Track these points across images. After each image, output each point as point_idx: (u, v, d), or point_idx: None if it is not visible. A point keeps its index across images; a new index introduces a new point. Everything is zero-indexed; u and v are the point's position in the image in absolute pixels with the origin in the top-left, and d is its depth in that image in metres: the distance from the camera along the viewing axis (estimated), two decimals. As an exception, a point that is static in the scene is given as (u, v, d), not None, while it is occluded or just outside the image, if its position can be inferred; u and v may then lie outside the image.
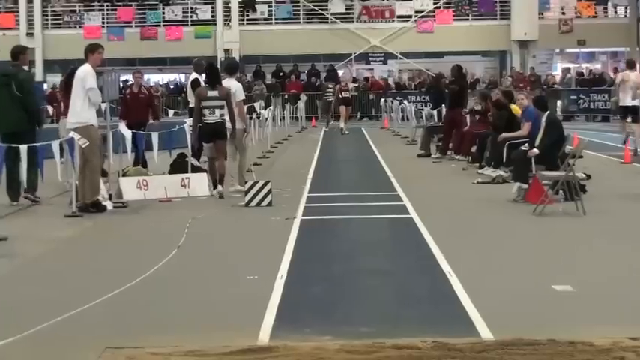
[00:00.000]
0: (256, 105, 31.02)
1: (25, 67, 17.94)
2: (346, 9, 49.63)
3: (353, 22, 49.15)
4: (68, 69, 18.51)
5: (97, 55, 15.71)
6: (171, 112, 37.12)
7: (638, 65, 29.82)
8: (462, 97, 24.40)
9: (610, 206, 14.72)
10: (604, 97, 41.19)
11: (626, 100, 25.46)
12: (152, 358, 6.92)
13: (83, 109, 15.11)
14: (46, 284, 10.07)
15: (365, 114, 46.34)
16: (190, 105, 22.63)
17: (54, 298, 8.99)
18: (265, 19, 49.61)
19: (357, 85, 44.53)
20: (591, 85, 43.59)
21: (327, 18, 49.05)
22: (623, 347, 6.92)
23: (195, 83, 22.05)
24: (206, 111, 17.13)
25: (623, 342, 7.03)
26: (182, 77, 47.05)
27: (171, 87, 48.11)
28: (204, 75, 21.26)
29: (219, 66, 22.39)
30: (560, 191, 14.55)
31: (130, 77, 53.34)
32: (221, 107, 16.93)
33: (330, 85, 42.10)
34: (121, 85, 51.17)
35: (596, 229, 12.94)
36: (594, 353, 6.86)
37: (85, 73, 15.22)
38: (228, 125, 16.98)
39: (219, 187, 16.80)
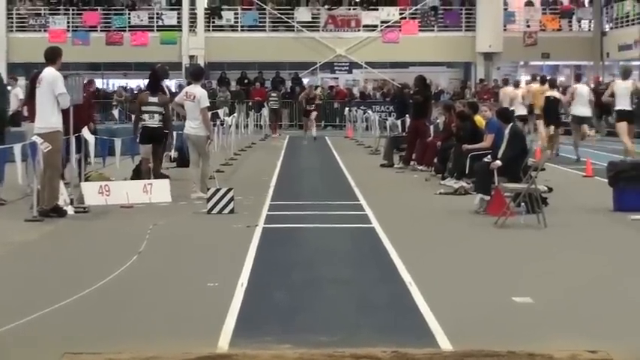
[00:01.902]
0: (220, 112, 31.09)
1: (2, 76, 17.90)
2: (312, 18, 49.75)
3: (319, 30, 49.27)
4: (32, 72, 18.48)
5: (60, 59, 15.68)
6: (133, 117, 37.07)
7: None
8: (425, 108, 24.52)
9: (571, 219, 14.82)
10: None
11: (579, 111, 26.73)
12: (108, 367, 6.90)
13: (52, 113, 15.08)
14: (3, 288, 10.00)
15: (329, 123, 46.43)
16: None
17: (11, 303, 8.94)
18: (231, 26, 49.65)
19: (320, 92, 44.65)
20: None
21: (293, 26, 49.13)
22: (580, 357, 6.96)
23: (157, 86, 22.03)
24: (146, 116, 18.39)
25: (581, 355, 7.06)
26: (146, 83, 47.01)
27: (135, 92, 47.92)
28: (166, 81, 21.43)
29: (183, 72, 22.43)
30: (522, 203, 14.60)
31: (97, 82, 53.63)
32: (160, 113, 17.88)
33: (274, 94, 42.42)
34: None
35: (557, 241, 13.01)
36: (553, 365, 6.90)
37: (54, 77, 15.15)
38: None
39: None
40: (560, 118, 28.28)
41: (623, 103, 24.14)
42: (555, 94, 27.70)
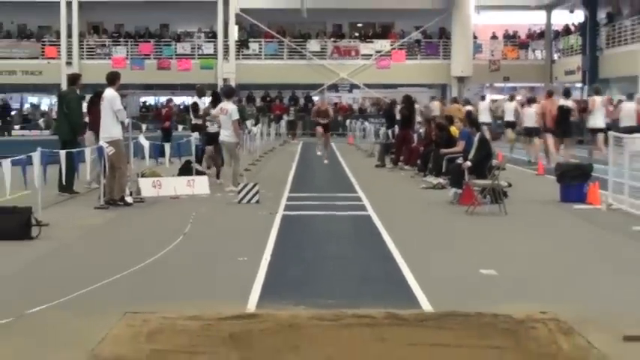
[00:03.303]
0: (248, 123, 31.06)
1: (78, 91, 17.98)
2: (321, 48, 49.62)
3: (326, 58, 49.12)
4: (93, 92, 18.62)
5: (119, 82, 15.78)
6: (180, 127, 37.06)
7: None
8: (410, 120, 24.56)
9: (526, 208, 14.80)
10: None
11: (596, 123, 25.37)
12: (162, 321, 6.92)
13: (113, 125, 15.20)
14: (78, 262, 10.07)
15: (334, 132, 46.37)
16: (192, 122, 22.63)
17: (84, 273, 8.98)
18: (256, 55, 49.53)
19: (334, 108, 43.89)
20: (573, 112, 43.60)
21: (306, 55, 49.04)
22: (535, 319, 6.98)
23: (195, 105, 22.15)
24: (208, 123, 19.30)
25: (535, 315, 7.09)
26: (189, 100, 47.12)
27: (181, 107, 47.92)
28: (202, 98, 21.55)
29: (219, 91, 22.50)
30: (487, 196, 14.62)
31: (149, 99, 53.80)
32: (234, 121, 17.72)
33: (292, 109, 42.47)
34: (140, 104, 51.55)
35: (515, 225, 13.00)
36: (512, 324, 6.91)
37: (113, 96, 15.26)
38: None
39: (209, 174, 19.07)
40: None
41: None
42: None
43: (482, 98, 37.17)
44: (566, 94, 25.65)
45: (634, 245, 11.08)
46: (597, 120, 25.10)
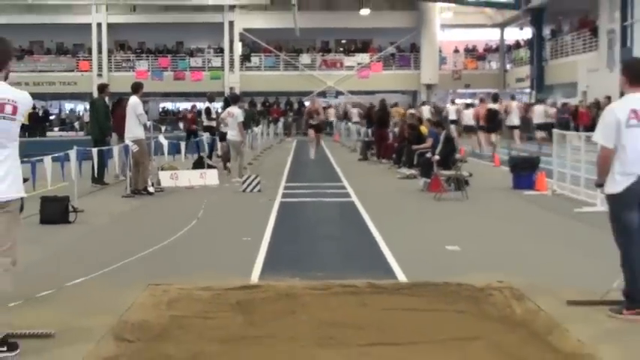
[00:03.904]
0: (256, 129, 31.03)
1: (107, 98, 18.00)
2: (311, 61, 49.57)
3: (315, 70, 49.10)
4: (115, 99, 18.73)
5: (141, 90, 15.75)
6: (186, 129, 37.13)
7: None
8: (385, 121, 24.58)
9: (484, 194, 14.83)
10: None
11: (512, 121, 28.14)
12: (180, 292, 6.92)
13: (136, 127, 15.15)
14: (109, 242, 10.05)
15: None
16: (204, 124, 22.65)
17: (114, 252, 8.97)
18: (257, 67, 49.46)
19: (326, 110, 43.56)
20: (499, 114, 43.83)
21: (298, 67, 49.00)
22: (492, 287, 7.00)
23: (207, 110, 22.14)
24: (222, 125, 19.12)
25: (493, 284, 7.10)
26: (201, 105, 47.17)
27: (195, 111, 47.82)
28: (213, 104, 21.64)
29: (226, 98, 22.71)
30: (452, 184, 14.64)
31: (167, 105, 53.69)
32: (239, 123, 17.83)
33: (290, 112, 42.21)
34: (160, 110, 51.41)
35: (475, 209, 13.02)
36: (474, 291, 6.93)
37: (136, 103, 15.23)
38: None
39: (229, 167, 19.05)
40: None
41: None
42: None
43: (453, 102, 38.58)
44: (495, 99, 27.26)
45: (575, 225, 11.13)
46: (513, 119, 27.97)
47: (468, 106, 30.31)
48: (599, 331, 5.76)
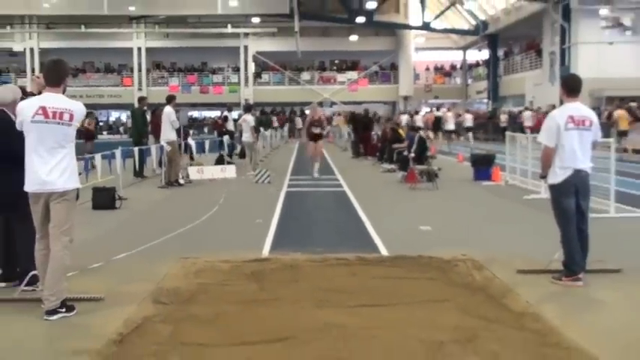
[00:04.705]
0: (261, 129, 30.95)
1: (145, 108, 17.98)
2: (310, 77, 49.42)
3: (314, 84, 48.95)
4: (152, 108, 18.73)
5: (174, 102, 15.70)
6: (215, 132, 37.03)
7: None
8: (369, 126, 24.68)
9: (450, 185, 14.82)
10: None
11: (448, 127, 32.79)
12: (204, 264, 6.91)
13: (170, 132, 15.10)
14: (147, 224, 10.02)
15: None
16: (223, 129, 22.65)
17: (151, 232, 8.96)
18: (267, 82, 49.33)
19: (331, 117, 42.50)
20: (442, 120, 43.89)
21: (300, 82, 48.88)
22: (457, 259, 7.00)
23: (225, 117, 22.14)
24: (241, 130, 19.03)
25: (458, 257, 7.10)
26: (219, 113, 47.22)
27: (217, 119, 47.66)
28: (232, 112, 21.55)
29: (241, 107, 22.69)
30: (424, 176, 14.63)
31: (194, 113, 53.51)
32: (252, 128, 17.91)
33: (297, 119, 41.87)
34: (188, 117, 51.19)
35: (443, 196, 13.02)
36: (442, 262, 6.93)
37: (170, 112, 15.18)
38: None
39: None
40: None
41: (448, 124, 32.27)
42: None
43: (417, 112, 39.53)
44: (438, 108, 28.55)
45: (523, 209, 11.13)
46: (449, 125, 32.26)
47: (416, 112, 33.70)
48: (543, 294, 5.77)
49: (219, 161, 19.16)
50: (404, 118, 33.60)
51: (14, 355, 4.46)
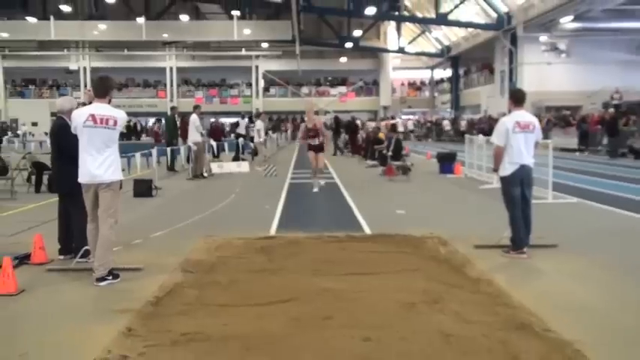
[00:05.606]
0: (270, 132, 30.85)
1: (175, 116, 17.87)
2: (308, 91, 49.33)
3: (311, 96, 48.84)
4: (182, 116, 18.60)
5: (199, 111, 15.60)
6: (232, 135, 36.90)
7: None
8: (355, 130, 24.62)
9: (421, 177, 14.79)
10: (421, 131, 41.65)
11: (399, 129, 33.23)
12: (223, 241, 6.88)
13: (195, 135, 14.99)
14: (178, 209, 9.97)
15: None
16: (237, 132, 22.55)
17: (181, 215, 8.93)
18: (273, 95, 49.20)
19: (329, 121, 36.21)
20: (396, 125, 43.85)
21: (300, 95, 48.73)
22: (426, 237, 6.99)
23: (236, 123, 22.12)
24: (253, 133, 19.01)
25: (427, 235, 7.09)
26: (234, 120, 47.11)
27: (233, 125, 47.44)
28: (244, 118, 21.43)
29: (253, 115, 22.57)
30: (400, 170, 14.60)
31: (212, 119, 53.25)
32: (258, 131, 18.05)
33: (302, 125, 41.59)
34: (211, 123, 50.93)
35: (415, 186, 12.99)
36: (414, 240, 6.91)
37: (195, 118, 15.08)
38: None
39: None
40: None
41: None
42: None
43: (393, 118, 39.11)
44: (392, 117, 28.51)
45: (479, 196, 11.11)
46: (400, 128, 30.42)
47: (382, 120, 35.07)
48: (494, 265, 5.78)
49: (235, 158, 19.10)
50: (382, 124, 33.54)
51: (72, 313, 4.48)
